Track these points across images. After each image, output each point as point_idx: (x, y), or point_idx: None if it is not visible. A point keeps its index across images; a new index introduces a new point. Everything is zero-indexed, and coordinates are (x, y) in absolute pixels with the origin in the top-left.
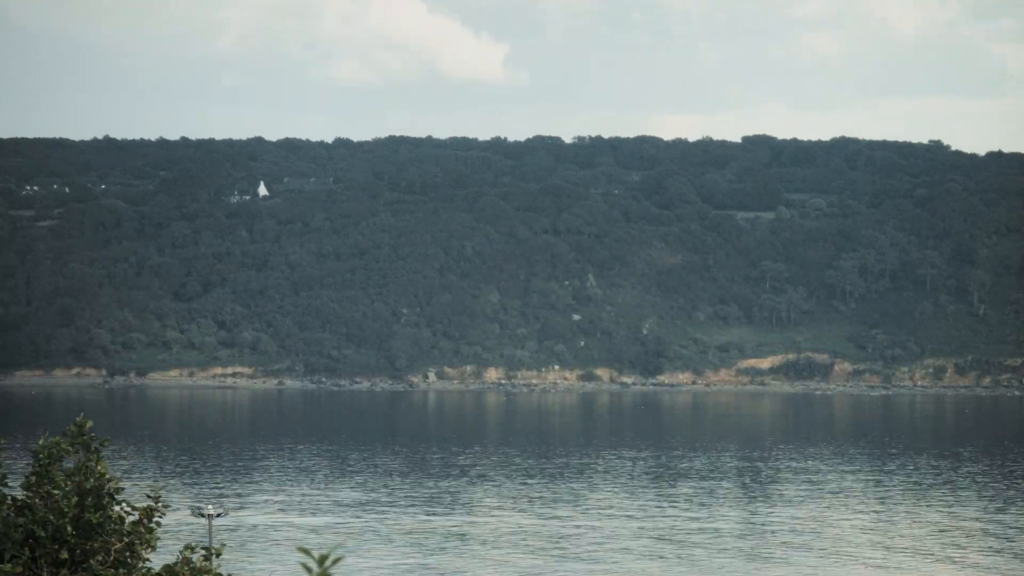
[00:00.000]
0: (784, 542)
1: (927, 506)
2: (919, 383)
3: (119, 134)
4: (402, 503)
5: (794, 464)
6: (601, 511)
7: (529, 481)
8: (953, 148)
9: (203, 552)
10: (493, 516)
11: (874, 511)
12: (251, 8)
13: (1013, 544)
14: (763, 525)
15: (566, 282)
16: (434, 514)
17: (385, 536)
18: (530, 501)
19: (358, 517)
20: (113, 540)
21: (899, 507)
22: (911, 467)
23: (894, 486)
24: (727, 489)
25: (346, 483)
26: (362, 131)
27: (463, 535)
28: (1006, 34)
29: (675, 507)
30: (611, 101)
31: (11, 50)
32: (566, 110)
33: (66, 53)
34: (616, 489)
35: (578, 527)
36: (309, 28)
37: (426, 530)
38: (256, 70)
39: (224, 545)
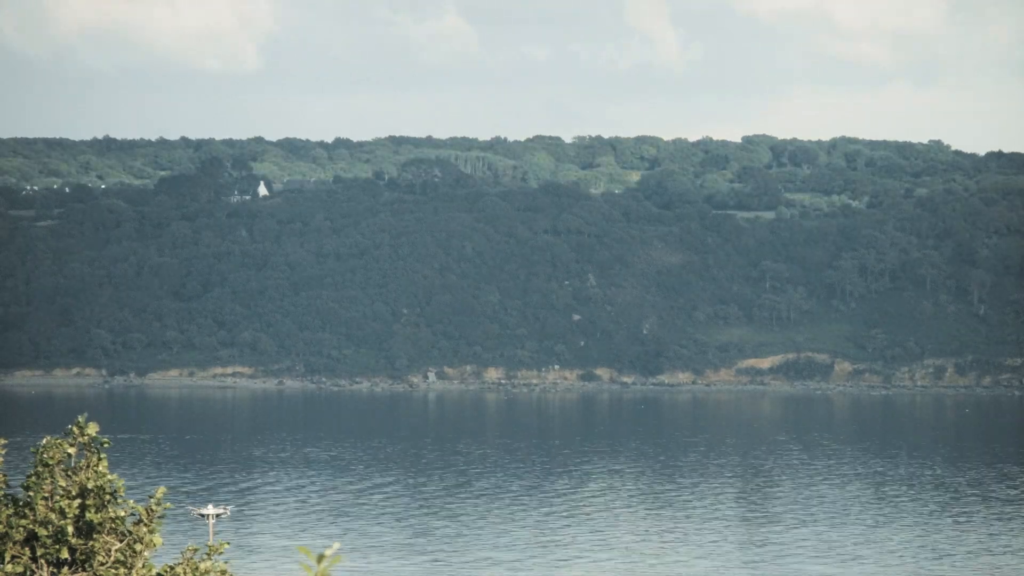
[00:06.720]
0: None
1: (927, 506)
2: (919, 383)
3: (119, 134)
4: (399, 511)
5: (796, 465)
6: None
7: (526, 499)
8: (953, 148)
9: (204, 551)
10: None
11: (874, 514)
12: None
13: (1012, 544)
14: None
15: (566, 282)
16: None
17: (381, 544)
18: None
19: (358, 517)
20: (114, 540)
21: (900, 509)
22: (912, 467)
23: (894, 486)
24: (732, 518)
25: (346, 484)
26: (362, 131)
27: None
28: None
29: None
30: (611, 100)
31: (11, 49)
32: (566, 108)
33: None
34: (613, 510)
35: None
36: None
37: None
38: (257, 69)
39: (226, 543)
